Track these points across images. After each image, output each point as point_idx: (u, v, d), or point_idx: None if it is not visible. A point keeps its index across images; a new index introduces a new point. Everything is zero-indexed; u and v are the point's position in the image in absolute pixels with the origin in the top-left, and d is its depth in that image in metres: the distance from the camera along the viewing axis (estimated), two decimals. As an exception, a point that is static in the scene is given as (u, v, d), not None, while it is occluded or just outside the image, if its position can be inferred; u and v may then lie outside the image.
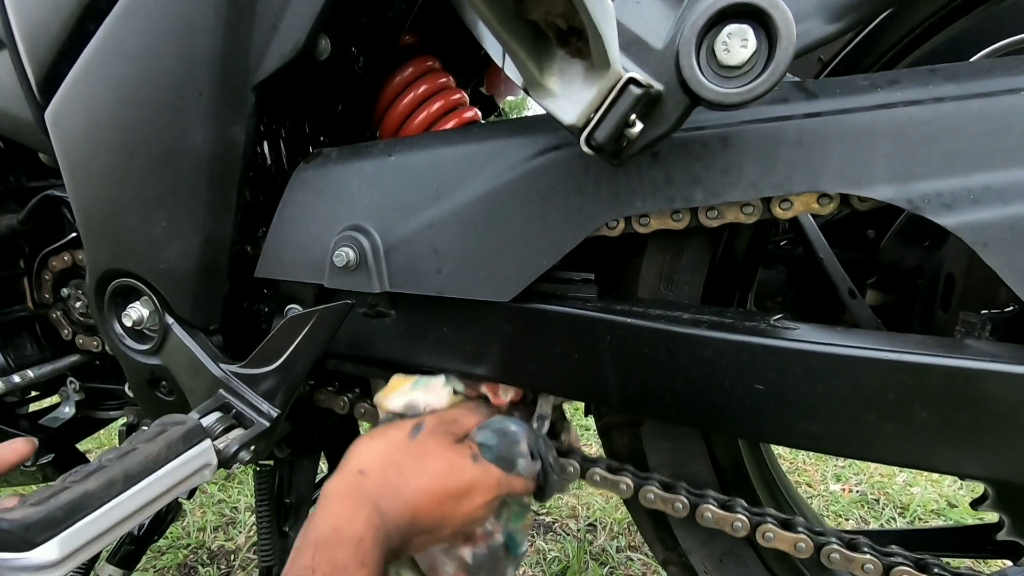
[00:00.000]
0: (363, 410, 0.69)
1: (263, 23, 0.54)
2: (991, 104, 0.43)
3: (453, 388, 0.62)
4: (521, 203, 0.53)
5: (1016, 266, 0.42)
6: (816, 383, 0.47)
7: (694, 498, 0.58)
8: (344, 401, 0.69)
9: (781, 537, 0.55)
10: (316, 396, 0.71)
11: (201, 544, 1.40)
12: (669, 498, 0.58)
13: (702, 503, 0.57)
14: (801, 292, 0.81)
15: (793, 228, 0.76)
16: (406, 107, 0.67)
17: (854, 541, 0.54)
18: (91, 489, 0.44)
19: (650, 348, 0.52)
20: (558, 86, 0.42)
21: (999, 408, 0.43)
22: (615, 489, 0.60)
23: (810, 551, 0.54)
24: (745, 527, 0.56)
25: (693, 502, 0.58)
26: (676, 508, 0.58)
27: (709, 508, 0.57)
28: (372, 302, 0.60)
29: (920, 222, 0.52)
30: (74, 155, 0.62)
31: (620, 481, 0.60)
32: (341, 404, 0.69)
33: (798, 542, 0.54)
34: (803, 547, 0.54)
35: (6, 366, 0.78)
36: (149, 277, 0.64)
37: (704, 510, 0.57)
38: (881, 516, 1.48)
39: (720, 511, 0.57)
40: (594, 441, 1.83)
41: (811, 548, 0.54)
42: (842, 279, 0.70)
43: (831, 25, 0.46)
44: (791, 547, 0.55)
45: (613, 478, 0.60)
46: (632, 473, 0.61)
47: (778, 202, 0.48)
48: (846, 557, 0.53)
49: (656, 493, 0.58)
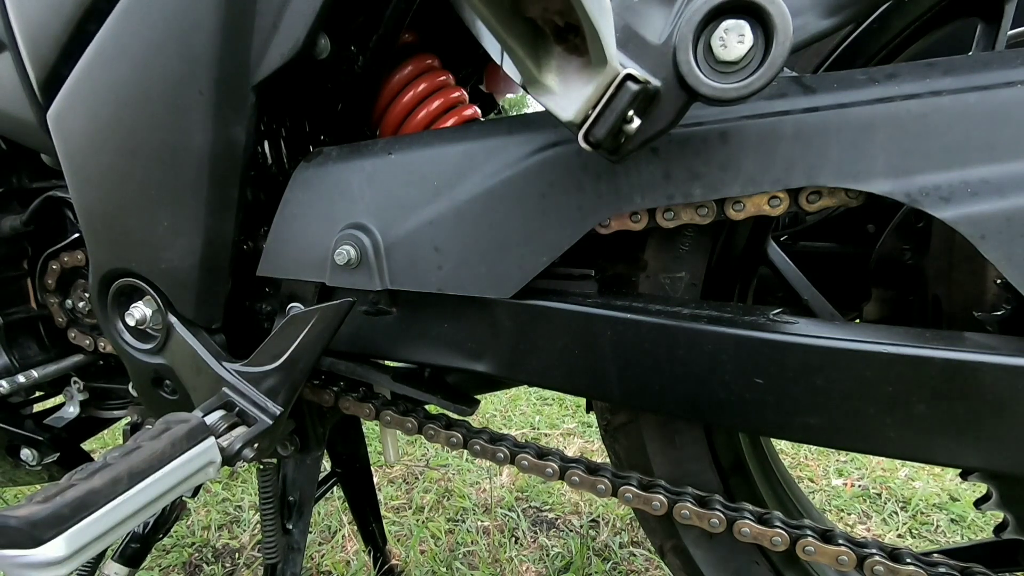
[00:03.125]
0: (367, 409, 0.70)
1: (263, 23, 0.54)
2: (989, 97, 0.43)
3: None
4: (521, 200, 0.53)
5: (1014, 258, 0.42)
6: (815, 377, 0.48)
7: (730, 513, 0.58)
8: (370, 408, 0.70)
9: (822, 551, 0.55)
10: (342, 403, 0.71)
11: (206, 542, 1.40)
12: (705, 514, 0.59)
13: (738, 518, 0.58)
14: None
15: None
16: (406, 105, 0.68)
17: (897, 552, 0.54)
18: (97, 487, 0.45)
19: (650, 343, 0.52)
20: (556, 83, 0.42)
21: (997, 400, 0.43)
22: None
23: (853, 563, 0.54)
24: (785, 541, 0.55)
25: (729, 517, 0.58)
26: (714, 524, 0.58)
27: (747, 523, 0.57)
28: (373, 300, 0.60)
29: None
30: (76, 156, 0.63)
31: None
32: (367, 411, 0.70)
33: (840, 555, 0.54)
34: (845, 560, 0.54)
35: (11, 366, 0.78)
36: (152, 277, 0.64)
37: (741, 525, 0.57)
38: (883, 511, 1.48)
39: (758, 526, 0.57)
40: (595, 440, 1.84)
41: (854, 560, 0.54)
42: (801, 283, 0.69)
43: (827, 20, 0.46)
44: (833, 560, 0.54)
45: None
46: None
47: (731, 204, 0.49)
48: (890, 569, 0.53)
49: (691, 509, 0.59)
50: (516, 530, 1.42)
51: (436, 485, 1.61)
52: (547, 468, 0.63)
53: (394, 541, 1.38)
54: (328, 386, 0.71)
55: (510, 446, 0.65)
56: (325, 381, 0.72)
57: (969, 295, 0.45)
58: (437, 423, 0.67)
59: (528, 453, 0.64)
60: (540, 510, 1.50)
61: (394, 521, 1.46)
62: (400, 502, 1.55)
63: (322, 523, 1.45)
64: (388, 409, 0.69)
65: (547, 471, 0.63)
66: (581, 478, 0.62)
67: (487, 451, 0.65)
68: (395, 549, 1.34)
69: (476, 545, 1.37)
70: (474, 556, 1.33)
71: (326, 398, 0.71)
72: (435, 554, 1.33)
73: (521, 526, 1.43)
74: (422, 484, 1.62)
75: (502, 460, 0.64)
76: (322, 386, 0.71)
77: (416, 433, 0.68)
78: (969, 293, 0.44)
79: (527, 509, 1.50)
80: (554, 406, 2.08)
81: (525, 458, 0.64)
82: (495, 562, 1.31)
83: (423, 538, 1.39)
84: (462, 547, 1.36)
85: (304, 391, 0.72)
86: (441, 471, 1.69)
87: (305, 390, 0.72)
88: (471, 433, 0.67)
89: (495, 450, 0.64)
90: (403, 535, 1.41)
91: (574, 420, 1.98)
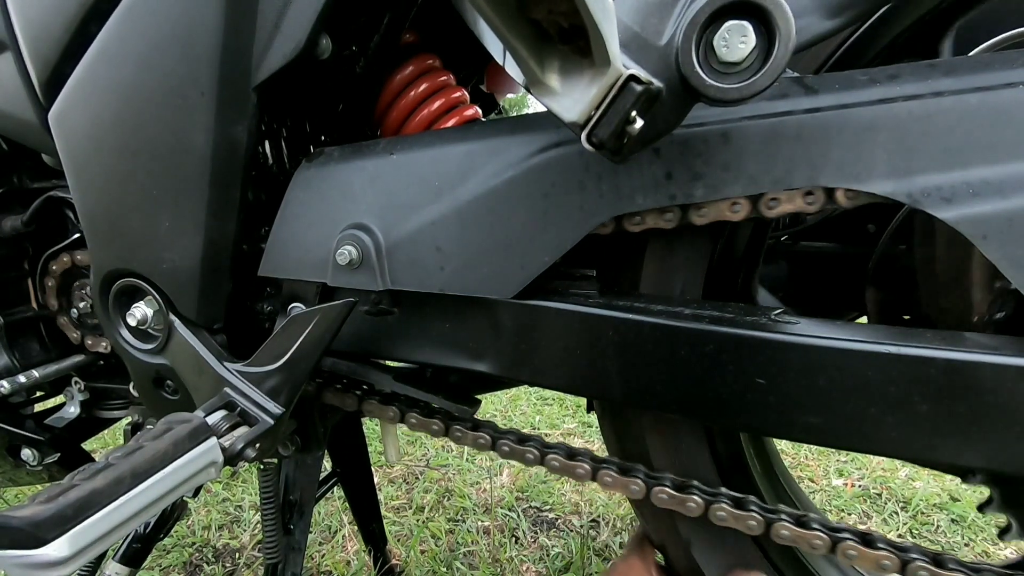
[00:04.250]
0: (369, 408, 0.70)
1: (264, 23, 0.54)
2: (990, 98, 0.43)
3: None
4: (523, 200, 0.53)
5: (1015, 259, 0.42)
6: (817, 377, 0.48)
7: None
8: (394, 412, 0.69)
9: (864, 555, 0.54)
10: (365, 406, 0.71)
11: (206, 542, 1.40)
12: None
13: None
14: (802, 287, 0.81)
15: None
16: (407, 105, 0.68)
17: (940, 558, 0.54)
18: (99, 487, 0.45)
19: (652, 343, 0.52)
20: (559, 84, 0.43)
21: (999, 400, 0.43)
22: None
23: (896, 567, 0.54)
24: (827, 544, 0.55)
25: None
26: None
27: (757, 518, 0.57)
28: (375, 300, 0.60)
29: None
30: (77, 156, 0.63)
31: None
32: (392, 415, 0.70)
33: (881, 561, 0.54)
34: (888, 564, 0.53)
35: (12, 366, 0.78)
36: (153, 277, 0.64)
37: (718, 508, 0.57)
38: (884, 511, 1.49)
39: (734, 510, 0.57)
40: (595, 440, 1.84)
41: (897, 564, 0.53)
42: None
43: (830, 21, 0.46)
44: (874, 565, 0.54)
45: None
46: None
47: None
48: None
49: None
50: (516, 530, 1.42)
51: (436, 485, 1.61)
52: (578, 469, 0.62)
53: (394, 541, 1.38)
54: (351, 389, 0.71)
55: (539, 446, 0.65)
56: (348, 384, 0.72)
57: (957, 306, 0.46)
58: (464, 424, 0.67)
59: (559, 453, 0.64)
60: (540, 510, 1.50)
61: (394, 521, 1.46)
62: (400, 502, 1.55)
63: (322, 523, 1.45)
64: (413, 411, 0.68)
65: (578, 472, 0.62)
66: (614, 479, 0.62)
67: (515, 452, 0.64)
68: (395, 549, 1.34)
69: (476, 545, 1.37)
70: (474, 556, 1.33)
71: (349, 402, 0.71)
72: (435, 554, 1.33)
73: (521, 526, 1.43)
74: (422, 484, 1.62)
75: (532, 461, 0.64)
76: (345, 389, 0.71)
77: (444, 436, 0.67)
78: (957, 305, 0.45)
79: (527, 509, 1.50)
80: (554, 406, 2.08)
81: (556, 458, 0.63)
82: (495, 562, 1.31)
83: (423, 538, 1.39)
84: (462, 547, 1.36)
85: (327, 395, 0.72)
86: (441, 471, 1.69)
87: (327, 394, 0.71)
88: (498, 433, 0.66)
89: (524, 451, 0.64)
90: (403, 535, 1.41)
91: (574, 420, 1.98)
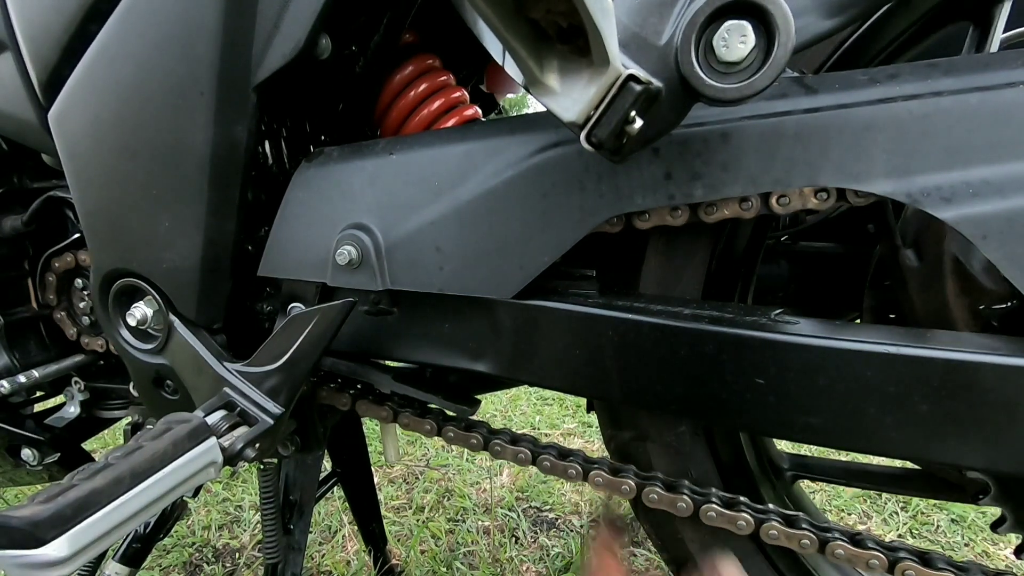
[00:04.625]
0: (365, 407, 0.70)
1: (264, 23, 0.54)
2: (990, 98, 0.43)
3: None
4: (522, 200, 0.53)
5: (1015, 259, 0.42)
6: (816, 377, 0.48)
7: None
8: (431, 425, 0.68)
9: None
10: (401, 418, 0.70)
11: (206, 542, 1.40)
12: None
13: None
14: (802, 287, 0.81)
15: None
16: (407, 105, 0.68)
17: None
18: (99, 487, 0.45)
19: (651, 343, 0.52)
20: (558, 84, 0.43)
21: (999, 400, 0.43)
22: None
23: None
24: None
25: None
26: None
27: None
28: (374, 300, 0.60)
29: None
30: (77, 156, 0.63)
31: None
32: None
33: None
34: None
35: (11, 366, 0.78)
36: (153, 277, 0.64)
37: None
38: (883, 511, 1.49)
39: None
40: (595, 439, 1.84)
41: None
42: None
43: (829, 21, 0.46)
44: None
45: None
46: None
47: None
48: None
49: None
50: (516, 530, 1.42)
51: (436, 485, 1.61)
52: (623, 486, 0.62)
53: (394, 541, 1.38)
54: (385, 402, 0.70)
55: (581, 461, 0.64)
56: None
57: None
58: (503, 438, 0.66)
59: (603, 470, 0.63)
60: (540, 510, 1.50)
61: (394, 521, 1.46)
62: (400, 502, 1.55)
63: (322, 523, 1.45)
64: (450, 425, 0.68)
65: (623, 488, 0.62)
66: (659, 495, 0.61)
67: (557, 467, 0.64)
68: (395, 549, 1.34)
69: (476, 545, 1.37)
70: (474, 556, 1.33)
71: (384, 414, 0.70)
72: (435, 554, 1.33)
73: (521, 526, 1.43)
74: (422, 484, 1.62)
75: (574, 476, 0.63)
76: (379, 402, 0.70)
77: (482, 449, 0.66)
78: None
79: (527, 509, 1.50)
80: (554, 406, 2.08)
81: (600, 474, 0.63)
82: (495, 562, 1.31)
83: (423, 538, 1.39)
84: (462, 547, 1.36)
85: (320, 393, 0.71)
86: (441, 471, 1.69)
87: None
88: (539, 449, 0.65)
89: (566, 466, 0.64)
90: (403, 535, 1.41)
91: (574, 420, 1.98)
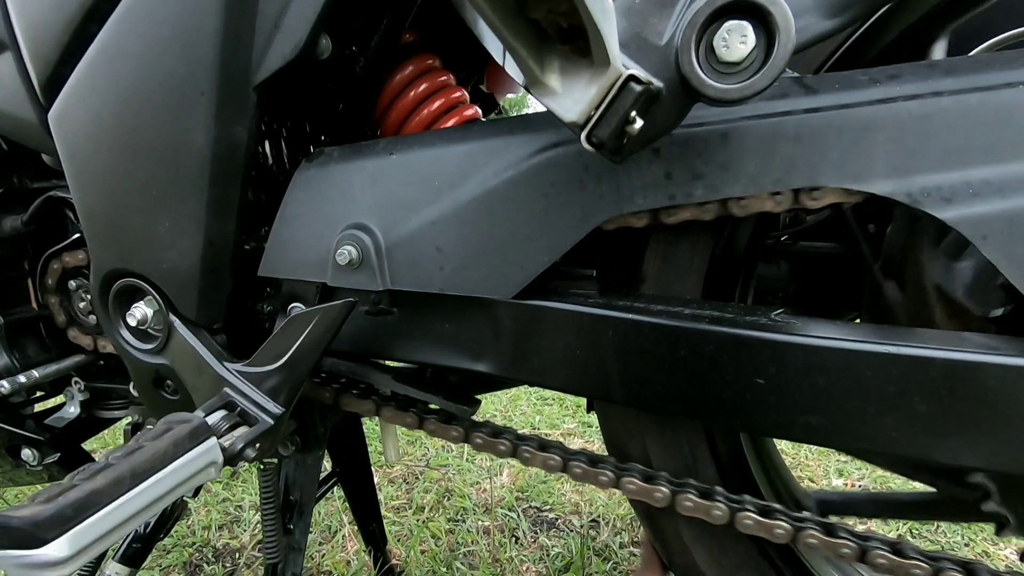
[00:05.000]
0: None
1: (264, 23, 0.54)
2: (990, 98, 0.43)
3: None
4: (522, 200, 0.53)
5: (1015, 259, 0.42)
6: (816, 377, 0.48)
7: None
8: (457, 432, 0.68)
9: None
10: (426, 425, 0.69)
11: (206, 542, 1.40)
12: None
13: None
14: (802, 287, 0.81)
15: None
16: (407, 105, 0.68)
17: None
18: (99, 487, 0.45)
19: (651, 343, 0.52)
20: (559, 84, 0.43)
21: (999, 400, 0.43)
22: None
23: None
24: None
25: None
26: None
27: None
28: (374, 300, 0.60)
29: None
30: (77, 156, 0.63)
31: None
32: None
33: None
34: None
35: (12, 366, 0.78)
36: (153, 277, 0.64)
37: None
38: (883, 510, 1.48)
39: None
40: (595, 440, 1.84)
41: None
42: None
43: (829, 21, 0.46)
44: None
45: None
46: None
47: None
48: None
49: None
50: (516, 530, 1.42)
51: (436, 485, 1.61)
52: (656, 493, 0.61)
53: (394, 541, 1.38)
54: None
55: (612, 467, 0.63)
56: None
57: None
58: (531, 444, 0.66)
59: (634, 478, 0.62)
60: (540, 510, 1.50)
61: (394, 521, 1.46)
62: (400, 502, 1.55)
63: (322, 523, 1.45)
64: (478, 431, 0.67)
65: (655, 495, 0.61)
66: (695, 503, 0.60)
67: (589, 475, 0.63)
68: (395, 549, 1.34)
69: (476, 545, 1.37)
70: (474, 556, 1.33)
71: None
72: (435, 554, 1.33)
73: (521, 526, 1.43)
74: (422, 484, 1.62)
75: (606, 483, 0.62)
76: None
77: (511, 456, 0.66)
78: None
79: (527, 509, 1.50)
80: (554, 406, 2.08)
81: (632, 482, 0.62)
82: (495, 562, 1.31)
83: (423, 538, 1.39)
84: (462, 547, 1.36)
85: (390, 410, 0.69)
86: (441, 471, 1.69)
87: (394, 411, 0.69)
88: (569, 455, 0.65)
89: (598, 473, 0.63)
90: (403, 535, 1.41)
91: (574, 420, 1.98)
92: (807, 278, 0.81)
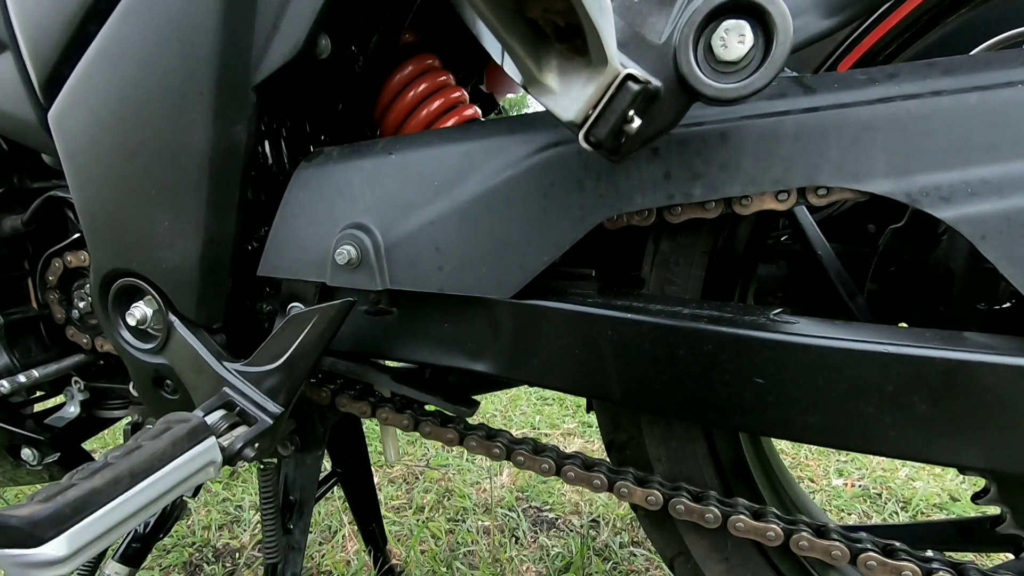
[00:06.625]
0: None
1: (264, 23, 0.54)
2: (989, 97, 0.43)
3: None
4: (521, 200, 0.53)
5: (1014, 258, 0.42)
6: (815, 376, 0.48)
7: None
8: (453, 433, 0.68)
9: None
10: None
11: (206, 542, 1.40)
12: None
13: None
14: (801, 287, 0.81)
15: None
16: (406, 105, 0.68)
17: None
18: (98, 486, 0.45)
19: (651, 343, 0.52)
20: (557, 83, 0.43)
21: (997, 400, 0.43)
22: None
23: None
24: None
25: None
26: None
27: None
28: (374, 299, 0.60)
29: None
30: (77, 156, 0.63)
31: None
32: None
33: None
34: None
35: (11, 366, 0.78)
36: (152, 277, 0.64)
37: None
38: (883, 511, 1.48)
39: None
40: (595, 439, 1.84)
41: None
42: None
43: (827, 20, 0.46)
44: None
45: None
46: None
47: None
48: None
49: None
50: (516, 530, 1.42)
51: (436, 485, 1.61)
52: (678, 505, 0.61)
53: (394, 541, 1.38)
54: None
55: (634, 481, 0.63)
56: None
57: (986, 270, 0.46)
58: (525, 447, 0.66)
59: (627, 482, 0.62)
60: (540, 510, 1.50)
61: (394, 521, 1.46)
62: (400, 502, 1.55)
63: (322, 523, 1.45)
64: (473, 434, 0.68)
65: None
66: (577, 474, 0.61)
67: (582, 478, 0.63)
68: (395, 549, 1.34)
69: (476, 545, 1.37)
70: (474, 556, 1.33)
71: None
72: (435, 554, 1.33)
73: (521, 526, 1.43)
74: (422, 484, 1.62)
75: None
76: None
77: (505, 459, 0.66)
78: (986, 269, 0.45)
79: (527, 509, 1.50)
80: (554, 406, 2.08)
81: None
82: (495, 562, 1.31)
83: (423, 538, 1.39)
84: (462, 547, 1.36)
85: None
86: (441, 471, 1.69)
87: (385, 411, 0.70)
88: (563, 459, 0.65)
89: (591, 477, 0.63)
90: (403, 535, 1.41)
91: (574, 420, 1.98)
92: (807, 278, 0.81)
